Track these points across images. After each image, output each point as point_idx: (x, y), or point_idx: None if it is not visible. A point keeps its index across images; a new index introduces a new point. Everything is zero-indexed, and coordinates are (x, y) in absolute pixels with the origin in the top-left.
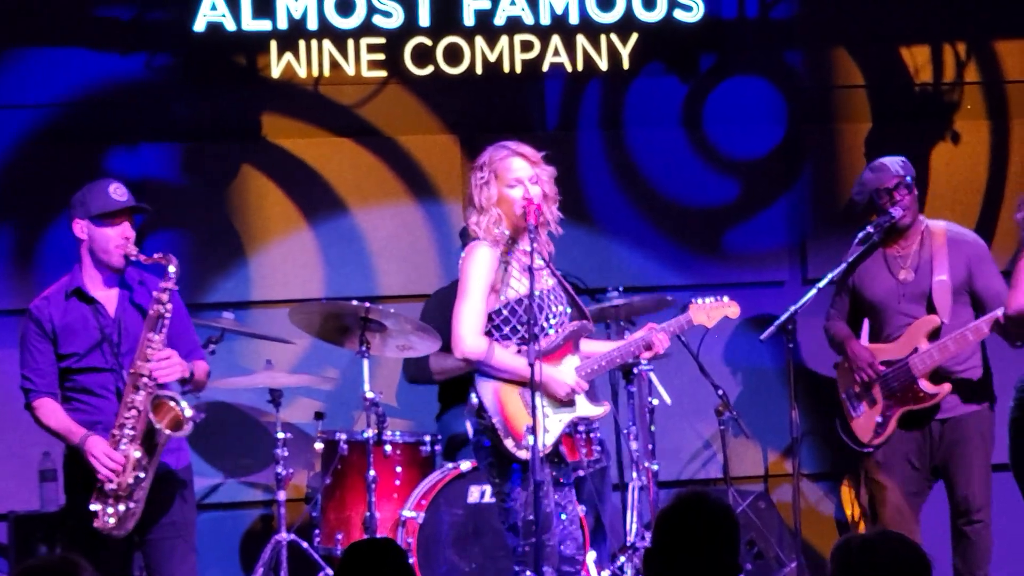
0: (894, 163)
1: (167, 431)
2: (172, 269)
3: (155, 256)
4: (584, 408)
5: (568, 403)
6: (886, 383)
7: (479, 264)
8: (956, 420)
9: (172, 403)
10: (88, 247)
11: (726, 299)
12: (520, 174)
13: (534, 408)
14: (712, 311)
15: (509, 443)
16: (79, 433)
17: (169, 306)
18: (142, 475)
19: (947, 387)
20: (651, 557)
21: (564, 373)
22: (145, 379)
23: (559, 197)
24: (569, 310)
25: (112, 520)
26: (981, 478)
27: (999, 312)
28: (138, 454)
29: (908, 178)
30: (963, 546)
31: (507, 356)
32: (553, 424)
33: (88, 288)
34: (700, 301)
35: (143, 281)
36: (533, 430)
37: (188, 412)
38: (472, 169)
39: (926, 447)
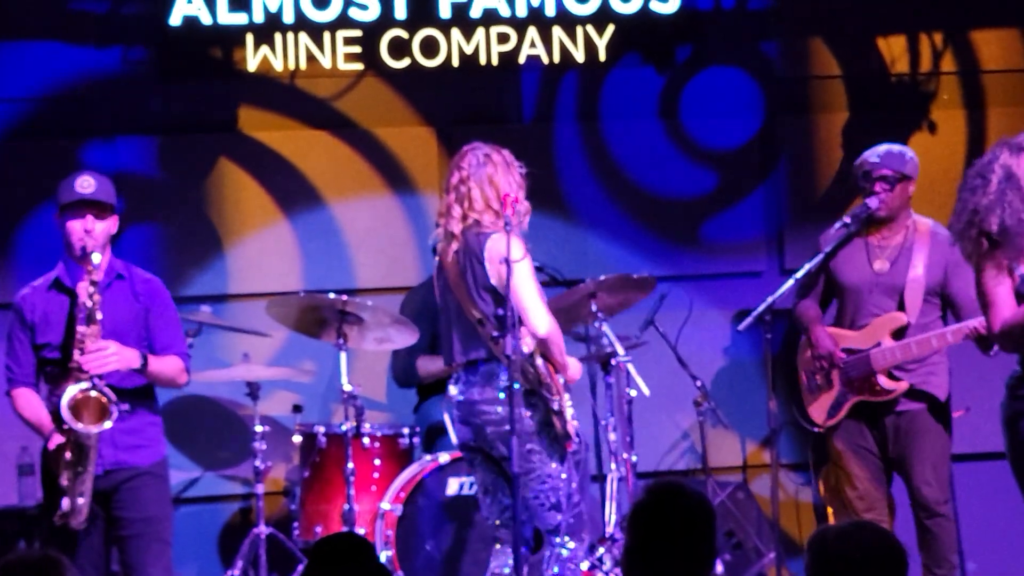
0: (901, 158)
1: (85, 428)
2: (97, 259)
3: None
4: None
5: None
6: (845, 371)
7: (522, 251)
8: (911, 414)
9: (94, 394)
10: (63, 238)
11: None
12: None
13: (511, 397)
14: None
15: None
16: (48, 427)
17: (97, 298)
18: (80, 469)
19: (904, 385)
20: (630, 552)
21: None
22: (80, 372)
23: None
24: None
25: (59, 514)
26: (938, 472)
27: (970, 325)
28: (68, 454)
29: (897, 175)
30: (927, 540)
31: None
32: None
33: (66, 280)
34: None
35: (123, 275)
36: (512, 424)
37: (112, 404)
38: (496, 156)
39: (882, 439)
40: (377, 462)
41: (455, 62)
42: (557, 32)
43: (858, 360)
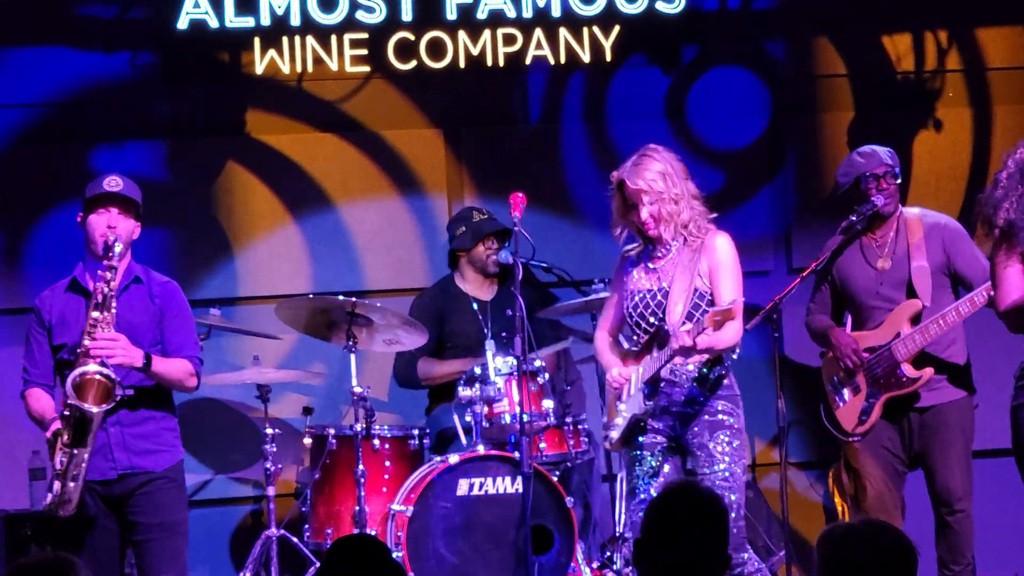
0: (883, 151)
1: (92, 407)
2: (117, 249)
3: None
4: (636, 407)
5: (630, 399)
6: (870, 370)
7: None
8: (935, 409)
9: (98, 377)
10: (84, 237)
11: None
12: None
13: (523, 394)
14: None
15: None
16: (49, 416)
17: (113, 285)
18: (75, 452)
19: (929, 371)
20: (640, 547)
21: (622, 370)
22: (87, 357)
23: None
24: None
25: (49, 498)
26: (961, 467)
27: (981, 293)
28: (65, 435)
29: (895, 168)
30: (946, 535)
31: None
32: (621, 419)
33: (84, 280)
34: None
35: (141, 278)
36: (520, 422)
37: (117, 387)
38: None
39: (905, 436)
40: (387, 463)
41: (462, 63)
42: (563, 33)
43: (881, 355)
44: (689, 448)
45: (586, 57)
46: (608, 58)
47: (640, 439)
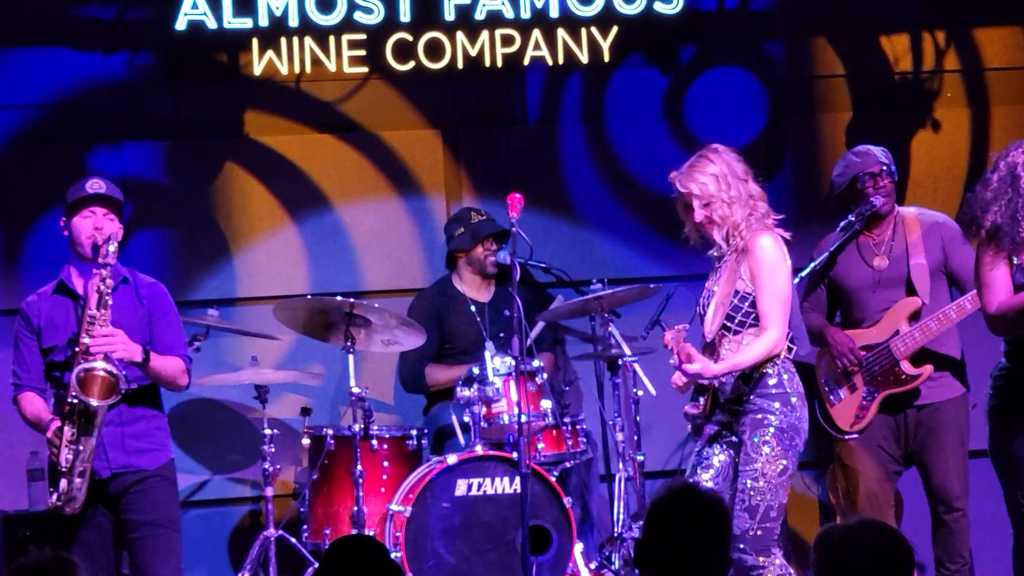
0: (878, 150)
1: (95, 401)
2: (111, 248)
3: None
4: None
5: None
6: (867, 367)
7: None
8: (932, 408)
9: (102, 373)
10: (69, 241)
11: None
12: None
13: (523, 394)
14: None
15: None
16: (46, 419)
17: (109, 282)
18: (81, 448)
19: (929, 368)
20: (642, 548)
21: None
22: (87, 354)
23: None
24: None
25: (55, 497)
26: (958, 466)
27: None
28: (69, 431)
29: (891, 167)
30: (943, 534)
31: None
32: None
33: (71, 282)
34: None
35: (128, 279)
36: (519, 424)
37: (121, 380)
38: None
39: (900, 434)
40: (386, 464)
41: (460, 64)
42: (561, 33)
43: (878, 353)
44: (740, 444)
45: (584, 58)
46: (606, 59)
47: (705, 431)
